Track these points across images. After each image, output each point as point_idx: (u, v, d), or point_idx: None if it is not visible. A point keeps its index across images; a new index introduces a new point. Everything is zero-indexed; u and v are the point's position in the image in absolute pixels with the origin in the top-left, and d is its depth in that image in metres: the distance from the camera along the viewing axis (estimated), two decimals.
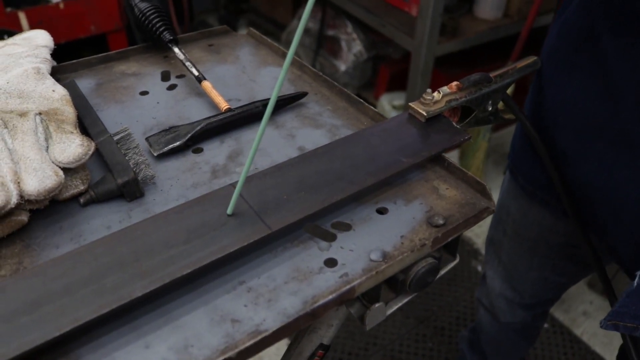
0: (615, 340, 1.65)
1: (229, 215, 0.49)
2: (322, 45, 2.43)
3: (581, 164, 0.72)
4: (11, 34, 1.80)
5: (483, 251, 1.93)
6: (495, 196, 0.56)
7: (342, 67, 2.31)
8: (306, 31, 2.53)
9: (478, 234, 1.99)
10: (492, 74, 0.68)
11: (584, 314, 1.74)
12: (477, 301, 1.25)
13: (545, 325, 1.69)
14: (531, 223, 0.93)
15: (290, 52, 0.39)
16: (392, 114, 2.17)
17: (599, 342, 1.66)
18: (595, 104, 0.68)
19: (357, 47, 2.27)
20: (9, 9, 1.78)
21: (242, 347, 0.41)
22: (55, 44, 0.71)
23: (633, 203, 0.67)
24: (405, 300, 0.54)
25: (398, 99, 2.20)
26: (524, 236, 0.97)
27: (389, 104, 2.20)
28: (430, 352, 1.60)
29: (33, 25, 1.83)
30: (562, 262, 0.96)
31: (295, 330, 0.44)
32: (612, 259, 0.79)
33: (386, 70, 2.28)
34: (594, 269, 0.79)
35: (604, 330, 0.61)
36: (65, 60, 0.77)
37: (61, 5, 1.86)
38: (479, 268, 1.87)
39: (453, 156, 2.16)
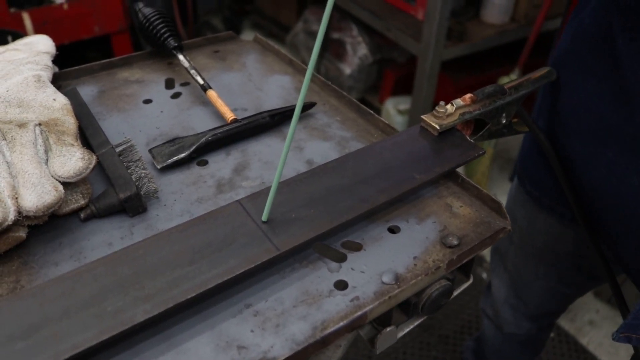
0: (621, 350, 1.63)
1: (233, 235, 0.47)
2: (327, 48, 2.41)
3: (590, 170, 0.70)
4: (15, 34, 1.79)
5: (488, 258, 1.91)
6: (501, 201, 0.54)
7: (347, 70, 2.29)
8: (311, 34, 2.51)
9: None
10: (506, 86, 0.66)
11: (590, 323, 1.72)
12: (482, 311, 1.23)
13: (551, 335, 1.66)
14: (538, 231, 0.91)
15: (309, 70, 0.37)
16: (397, 118, 2.14)
17: (605, 351, 1.63)
18: (609, 109, 0.66)
19: (363, 50, 2.25)
20: (12, 10, 1.77)
21: None
22: (58, 45, 0.70)
23: None
24: (417, 323, 0.52)
25: (403, 103, 2.18)
26: (530, 244, 0.95)
27: (394, 108, 2.17)
28: None
29: (37, 26, 1.82)
30: (568, 272, 0.94)
31: (304, 358, 0.42)
32: (620, 269, 0.77)
33: (391, 74, 2.25)
34: (604, 278, 0.77)
35: (610, 340, 0.59)
36: (69, 61, 0.75)
37: (65, 6, 1.84)
38: (484, 276, 1.85)
39: None
